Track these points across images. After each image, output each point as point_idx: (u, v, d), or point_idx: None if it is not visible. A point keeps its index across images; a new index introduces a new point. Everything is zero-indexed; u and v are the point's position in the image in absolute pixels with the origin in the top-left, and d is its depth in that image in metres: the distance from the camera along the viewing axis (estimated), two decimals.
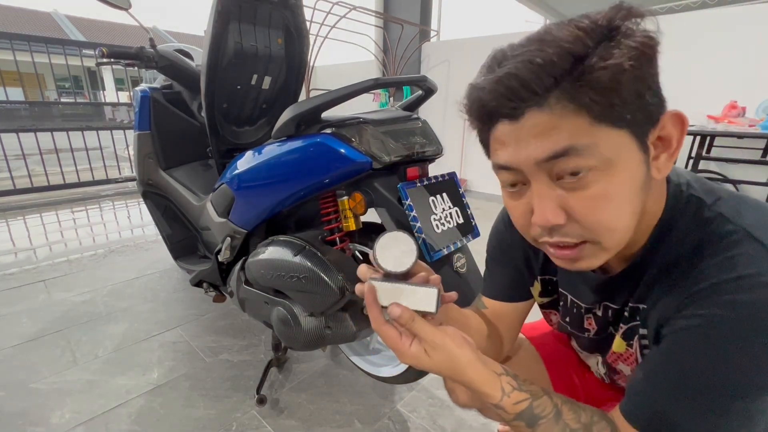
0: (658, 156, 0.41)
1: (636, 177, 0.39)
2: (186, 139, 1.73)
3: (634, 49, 0.35)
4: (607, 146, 0.37)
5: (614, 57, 0.34)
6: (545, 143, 0.38)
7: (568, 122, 0.37)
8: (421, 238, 0.92)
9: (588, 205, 0.39)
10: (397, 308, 0.42)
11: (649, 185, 0.41)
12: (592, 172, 0.38)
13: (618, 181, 0.38)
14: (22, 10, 18.85)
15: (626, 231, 0.41)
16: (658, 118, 0.39)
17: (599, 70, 0.34)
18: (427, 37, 4.46)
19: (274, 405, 1.21)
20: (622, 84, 0.35)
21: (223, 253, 1.29)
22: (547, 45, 0.36)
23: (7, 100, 5.35)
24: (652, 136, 0.39)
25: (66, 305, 1.75)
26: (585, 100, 0.35)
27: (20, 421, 1.12)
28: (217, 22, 1.25)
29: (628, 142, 0.38)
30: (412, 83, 1.09)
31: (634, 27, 0.36)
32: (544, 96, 0.36)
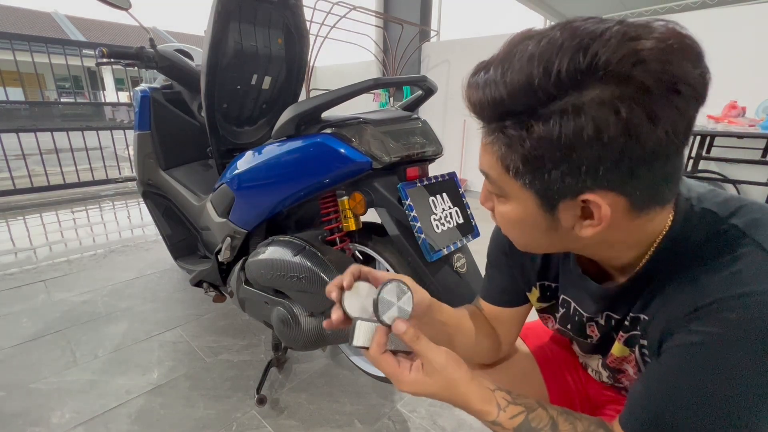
0: (584, 218, 0.40)
1: (535, 220, 0.42)
2: (186, 139, 1.73)
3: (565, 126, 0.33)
4: (509, 189, 0.42)
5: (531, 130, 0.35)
6: (481, 158, 0.43)
7: (490, 154, 0.41)
8: (421, 238, 0.92)
9: (499, 215, 0.46)
10: (402, 324, 0.45)
11: (567, 233, 0.42)
12: (501, 196, 0.44)
13: (515, 215, 0.43)
14: (22, 10, 18.84)
15: (534, 248, 0.47)
16: (575, 196, 0.38)
17: (510, 135, 0.37)
18: (427, 37, 4.46)
19: (274, 405, 1.21)
20: (527, 156, 0.37)
21: (223, 253, 1.29)
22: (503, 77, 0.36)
23: (7, 100, 5.35)
24: (567, 204, 0.39)
25: (66, 305, 1.75)
26: (498, 150, 0.39)
27: (20, 421, 1.12)
28: (217, 22, 1.25)
29: (529, 197, 0.40)
30: (412, 83, 1.09)
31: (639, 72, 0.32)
32: (489, 126, 0.40)
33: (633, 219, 0.39)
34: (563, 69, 0.33)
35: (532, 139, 0.35)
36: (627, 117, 0.32)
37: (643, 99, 0.32)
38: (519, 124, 0.36)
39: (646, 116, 0.32)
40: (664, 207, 0.41)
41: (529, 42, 0.35)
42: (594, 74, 0.32)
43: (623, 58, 0.32)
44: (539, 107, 0.35)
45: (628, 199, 0.37)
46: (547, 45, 0.34)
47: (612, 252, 0.46)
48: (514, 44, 0.37)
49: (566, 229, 0.41)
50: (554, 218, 0.41)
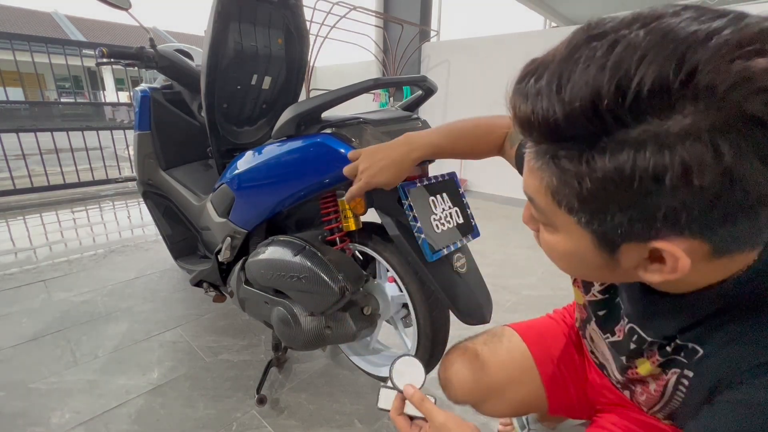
0: (652, 261, 0.33)
1: (589, 257, 0.36)
2: (186, 139, 1.73)
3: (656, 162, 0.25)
4: (560, 223, 0.35)
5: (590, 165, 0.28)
6: (525, 180, 0.37)
7: (538, 180, 0.34)
8: (421, 238, 0.92)
9: (544, 243, 0.40)
10: (410, 389, 0.55)
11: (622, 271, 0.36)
12: (551, 228, 0.38)
13: (565, 248, 0.37)
14: (22, 10, 18.85)
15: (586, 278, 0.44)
16: (644, 241, 0.31)
17: (570, 172, 0.29)
18: (427, 37, 4.46)
19: (274, 405, 1.21)
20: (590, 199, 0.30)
21: (223, 253, 1.29)
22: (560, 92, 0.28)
23: (7, 100, 5.35)
24: (632, 248, 0.32)
25: (66, 305, 1.75)
26: (552, 180, 0.32)
27: (20, 421, 1.12)
28: (217, 22, 1.25)
29: (584, 236, 0.34)
30: (412, 83, 1.09)
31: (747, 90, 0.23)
32: (537, 144, 0.33)
33: (712, 261, 0.32)
34: (645, 88, 0.25)
35: (593, 177, 0.28)
36: (731, 158, 0.24)
37: (756, 136, 0.24)
38: (577, 155, 0.29)
39: (758, 158, 0.24)
40: (744, 251, 0.33)
41: (598, 43, 0.27)
42: (688, 97, 0.24)
43: (736, 84, 0.23)
44: (605, 135, 0.27)
45: (713, 246, 0.30)
46: (623, 52, 0.25)
47: (671, 288, 0.40)
48: (578, 45, 0.29)
49: (626, 270, 0.35)
50: (613, 259, 0.34)
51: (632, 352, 0.51)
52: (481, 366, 0.74)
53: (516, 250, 2.37)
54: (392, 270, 1.05)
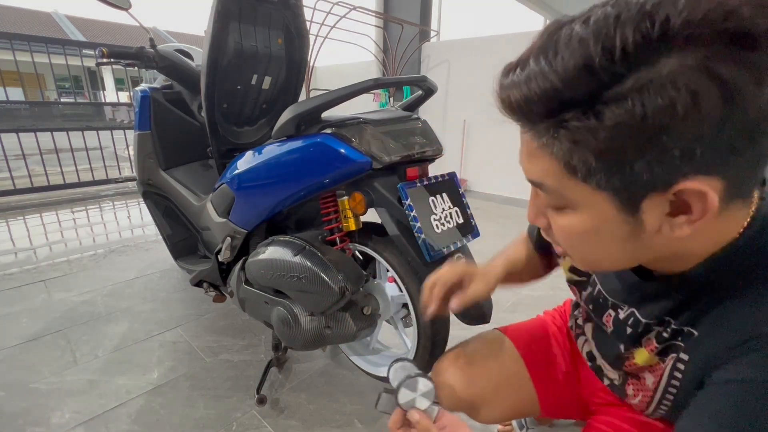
0: (675, 214, 0.33)
1: (611, 230, 0.35)
2: (186, 139, 1.73)
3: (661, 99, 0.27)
4: (576, 197, 0.35)
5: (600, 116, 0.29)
6: (528, 167, 0.38)
7: (545, 159, 0.34)
8: (421, 238, 0.92)
9: (560, 231, 0.39)
10: (416, 415, 0.53)
11: (650, 239, 0.35)
12: (564, 208, 0.37)
13: (586, 226, 0.36)
14: (22, 10, 18.85)
15: (603, 264, 0.41)
16: (668, 186, 0.31)
17: (574, 128, 0.30)
18: (427, 37, 4.46)
19: (274, 405, 1.21)
20: (601, 153, 0.30)
21: (223, 253, 1.29)
22: (551, 66, 0.30)
23: (7, 100, 5.35)
24: (655, 199, 0.32)
25: (66, 305, 1.75)
26: (561, 152, 0.32)
27: (20, 421, 1.12)
28: (217, 22, 1.25)
29: (605, 202, 0.34)
30: (412, 83, 1.09)
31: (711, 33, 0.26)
32: (536, 124, 0.34)
33: (717, 215, 0.32)
34: (629, 42, 0.27)
35: (605, 128, 0.29)
36: (728, 78, 0.26)
37: (746, 54, 0.26)
38: (584, 113, 0.29)
39: (751, 76, 0.26)
40: (746, 200, 0.35)
41: (571, 26, 0.30)
42: (671, 41, 0.27)
43: (707, 13, 0.26)
44: (605, 90, 0.28)
45: (726, 183, 0.31)
46: (598, 23, 0.28)
47: (676, 265, 0.40)
48: (552, 32, 0.31)
49: (650, 234, 0.35)
50: (637, 220, 0.34)
51: (630, 339, 0.51)
52: (473, 373, 0.74)
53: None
54: (392, 270, 1.05)
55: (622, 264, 0.40)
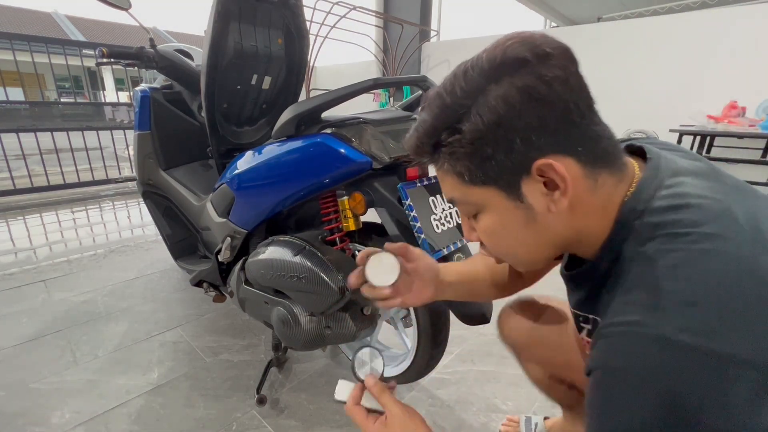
0: (552, 193, 0.41)
1: (511, 219, 0.44)
2: (186, 139, 1.73)
3: (484, 115, 0.39)
4: (477, 199, 0.45)
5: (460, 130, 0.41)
6: (444, 190, 0.48)
7: (447, 179, 0.46)
8: (421, 238, 0.92)
9: (484, 237, 0.48)
10: (371, 379, 0.59)
11: (545, 218, 0.43)
12: (480, 214, 0.46)
13: (494, 222, 0.46)
14: (22, 10, 18.84)
15: (525, 256, 0.48)
16: (528, 168, 0.40)
17: (448, 145, 0.42)
18: (427, 37, 4.46)
19: (274, 405, 1.21)
20: (467, 156, 0.42)
21: (223, 253, 1.29)
22: (426, 114, 0.44)
23: (7, 100, 5.35)
24: (529, 182, 0.41)
25: (66, 305, 1.75)
26: (448, 167, 0.44)
27: (20, 421, 1.12)
28: (217, 22, 1.25)
29: (494, 195, 0.43)
30: (412, 83, 1.09)
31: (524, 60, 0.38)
32: (433, 157, 0.45)
33: (590, 187, 0.41)
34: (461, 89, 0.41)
35: (465, 138, 0.41)
36: (525, 85, 0.38)
37: (528, 70, 0.38)
38: (451, 134, 0.41)
39: (538, 79, 0.38)
40: (612, 172, 0.42)
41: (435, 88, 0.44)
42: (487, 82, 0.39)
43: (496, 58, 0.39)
44: (461, 116, 0.41)
45: (575, 158, 0.40)
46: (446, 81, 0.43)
47: (583, 245, 0.46)
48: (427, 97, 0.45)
49: (543, 215, 0.43)
50: (526, 205, 0.42)
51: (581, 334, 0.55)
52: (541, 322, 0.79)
53: None
54: None
55: (538, 252, 0.47)
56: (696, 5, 5.08)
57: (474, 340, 1.53)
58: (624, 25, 3.18)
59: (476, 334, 1.55)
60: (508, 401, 1.22)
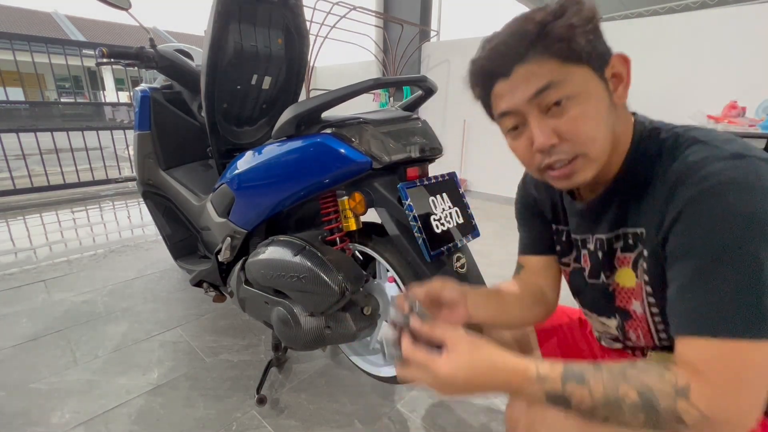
0: (616, 88, 0.52)
1: (601, 99, 0.51)
2: (186, 139, 1.73)
3: (580, 15, 0.48)
4: (575, 79, 0.49)
5: (566, 18, 0.48)
6: (531, 84, 0.50)
7: (545, 67, 0.49)
8: (421, 238, 0.92)
9: (571, 124, 0.50)
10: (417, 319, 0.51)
11: (614, 109, 0.52)
12: (569, 100, 0.49)
13: (588, 103, 0.50)
14: (22, 10, 18.84)
15: (604, 140, 0.52)
16: (608, 59, 0.51)
17: (558, 28, 0.47)
18: (427, 37, 4.46)
19: (274, 405, 1.21)
20: (575, 35, 0.47)
21: (223, 253, 1.29)
22: (522, 21, 0.50)
23: (7, 100, 5.35)
24: (607, 71, 0.51)
25: (66, 305, 1.75)
26: (553, 48, 0.48)
27: (20, 421, 1.12)
28: (217, 22, 1.25)
29: (590, 75, 0.50)
30: (412, 83, 1.09)
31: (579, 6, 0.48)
32: (525, 54, 0.49)
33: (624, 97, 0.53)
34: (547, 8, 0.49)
35: (573, 24, 0.47)
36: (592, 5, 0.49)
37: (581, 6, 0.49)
38: (557, 19, 0.48)
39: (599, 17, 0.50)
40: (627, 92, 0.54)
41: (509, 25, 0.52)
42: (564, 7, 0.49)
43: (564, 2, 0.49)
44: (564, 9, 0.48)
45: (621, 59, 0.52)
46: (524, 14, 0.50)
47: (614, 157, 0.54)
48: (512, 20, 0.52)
49: (616, 102, 0.52)
50: (607, 89, 0.51)
51: (606, 264, 0.60)
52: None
53: (516, 250, 2.36)
54: (392, 270, 1.05)
55: (608, 143, 0.52)
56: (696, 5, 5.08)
57: None
58: (624, 25, 3.18)
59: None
60: None
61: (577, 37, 0.48)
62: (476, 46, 0.56)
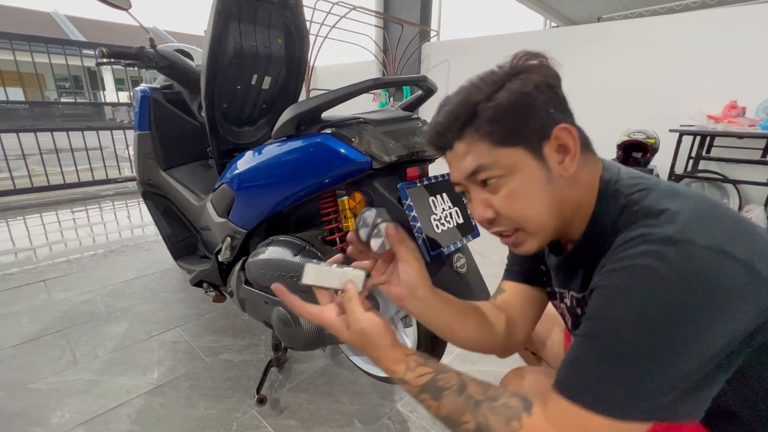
0: (563, 159, 0.50)
1: (536, 178, 0.50)
2: (186, 139, 1.73)
3: (515, 91, 0.48)
4: (504, 161, 0.50)
5: (496, 99, 0.48)
6: (465, 164, 0.52)
7: (477, 148, 0.51)
8: (421, 238, 0.92)
9: (503, 203, 0.52)
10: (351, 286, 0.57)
11: (561, 180, 0.51)
12: (501, 179, 0.51)
13: (520, 183, 0.51)
14: (22, 10, 18.84)
15: (539, 217, 0.52)
16: (549, 133, 0.49)
17: (488, 110, 0.49)
18: (427, 37, 4.46)
19: (274, 405, 1.21)
20: (504, 118, 0.49)
21: (223, 253, 1.29)
22: (460, 96, 0.51)
23: (7, 100, 5.35)
24: (548, 146, 0.50)
25: (66, 305, 1.75)
26: (483, 131, 0.50)
27: (20, 421, 1.12)
28: (217, 22, 1.25)
29: (522, 155, 0.50)
30: (412, 83, 1.09)
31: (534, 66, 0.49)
32: (462, 133, 0.51)
33: (582, 163, 0.51)
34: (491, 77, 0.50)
35: (502, 104, 0.48)
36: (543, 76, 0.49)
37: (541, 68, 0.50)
38: (488, 101, 0.49)
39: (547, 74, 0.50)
40: (593, 154, 0.54)
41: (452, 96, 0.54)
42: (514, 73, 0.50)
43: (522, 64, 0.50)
44: (497, 89, 0.49)
45: (577, 131, 0.50)
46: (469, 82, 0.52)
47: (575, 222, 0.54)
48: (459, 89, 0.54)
49: (556, 177, 0.50)
50: (545, 165, 0.50)
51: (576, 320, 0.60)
52: None
53: None
54: None
55: (549, 218, 0.52)
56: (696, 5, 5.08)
57: None
58: (624, 25, 3.18)
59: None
60: None
61: (507, 121, 0.48)
62: (476, 46, 0.57)
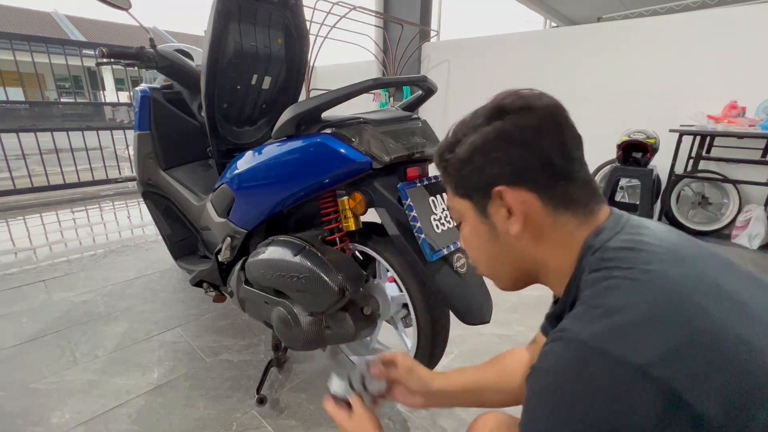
0: (510, 218, 0.48)
1: (481, 233, 0.52)
2: (186, 139, 1.73)
3: (470, 144, 0.48)
4: (459, 208, 0.54)
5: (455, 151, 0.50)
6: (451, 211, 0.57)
7: (446, 187, 0.55)
8: (421, 238, 0.92)
9: (462, 241, 0.57)
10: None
11: (505, 238, 0.49)
12: (461, 222, 0.55)
13: (468, 231, 0.54)
14: (22, 10, 18.84)
15: (490, 266, 0.55)
16: (489, 193, 0.48)
17: (442, 161, 0.53)
18: (427, 37, 4.47)
19: (274, 405, 1.21)
20: (450, 171, 0.52)
21: (223, 253, 1.29)
22: (448, 135, 0.54)
23: (7, 100, 5.35)
24: (493, 204, 0.49)
25: (66, 305, 1.75)
26: (449, 177, 0.53)
27: (20, 421, 1.12)
28: (217, 22, 1.25)
29: (469, 207, 0.52)
30: (412, 83, 1.09)
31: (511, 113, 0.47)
32: (442, 168, 0.55)
33: (550, 224, 0.47)
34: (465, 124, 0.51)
35: (455, 157, 0.50)
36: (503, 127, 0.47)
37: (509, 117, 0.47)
38: (449, 153, 0.52)
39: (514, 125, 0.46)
40: (575, 215, 0.47)
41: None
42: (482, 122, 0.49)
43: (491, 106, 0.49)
44: (458, 142, 0.50)
45: (537, 195, 0.46)
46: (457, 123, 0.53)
47: (551, 279, 0.51)
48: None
49: (505, 236, 0.49)
50: (491, 223, 0.50)
51: None
52: None
53: None
54: (392, 270, 1.05)
55: (504, 270, 0.54)
56: (696, 5, 5.09)
57: (474, 340, 1.53)
58: (624, 25, 3.18)
59: (476, 334, 1.55)
60: None
61: (459, 175, 0.51)
62: (476, 46, 0.58)
